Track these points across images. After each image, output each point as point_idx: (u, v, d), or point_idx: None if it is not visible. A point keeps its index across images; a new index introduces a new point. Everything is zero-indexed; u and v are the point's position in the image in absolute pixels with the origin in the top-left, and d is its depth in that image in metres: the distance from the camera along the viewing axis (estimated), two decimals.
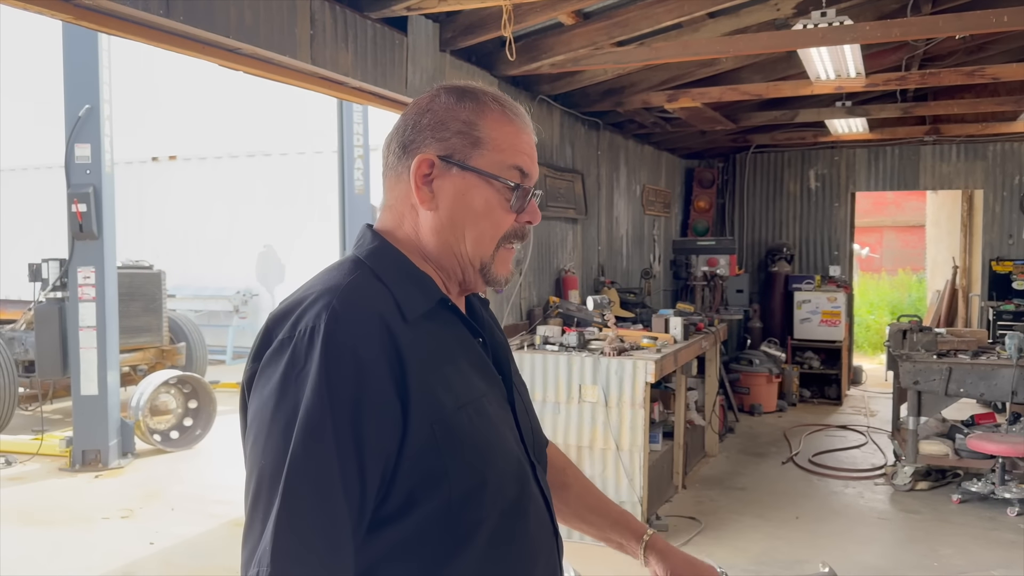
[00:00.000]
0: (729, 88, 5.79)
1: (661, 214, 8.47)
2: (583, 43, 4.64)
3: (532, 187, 1.19)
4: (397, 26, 3.95)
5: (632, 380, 4.52)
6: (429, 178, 1.15)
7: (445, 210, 1.15)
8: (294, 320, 1.04)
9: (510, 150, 1.16)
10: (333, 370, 0.99)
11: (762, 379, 8.06)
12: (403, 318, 1.08)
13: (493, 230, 1.17)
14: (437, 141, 1.15)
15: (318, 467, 0.98)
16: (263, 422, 1.01)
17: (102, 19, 2.60)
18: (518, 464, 1.15)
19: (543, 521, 1.20)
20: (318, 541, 0.98)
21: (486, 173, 1.15)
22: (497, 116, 1.17)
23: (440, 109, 1.17)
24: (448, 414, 1.06)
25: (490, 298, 4.81)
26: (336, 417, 0.99)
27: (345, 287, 1.07)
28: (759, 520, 5.04)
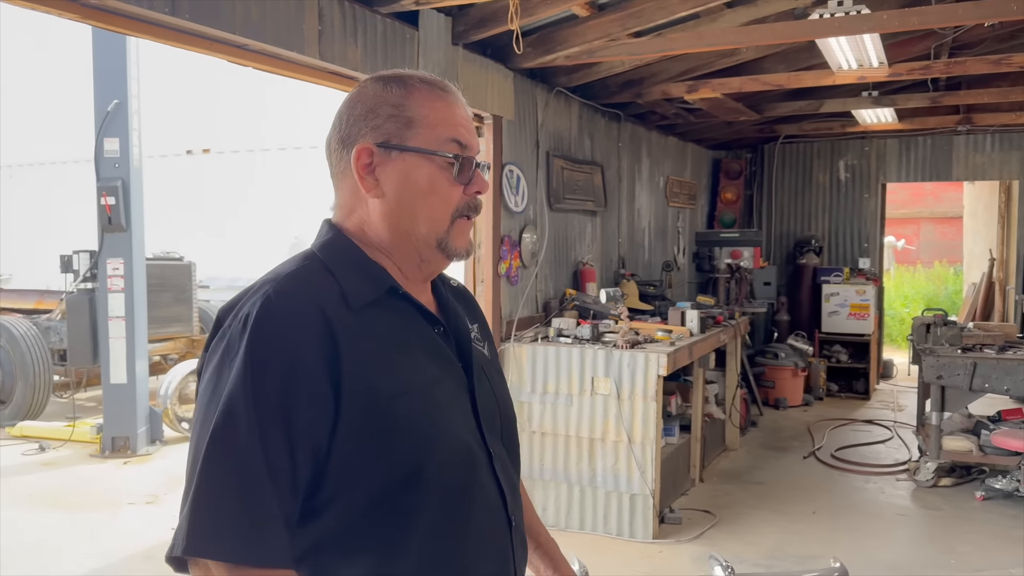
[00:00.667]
0: (750, 78, 5.73)
1: (686, 206, 8.41)
2: (597, 35, 4.62)
3: (474, 157, 1.21)
4: (408, 20, 3.98)
5: (644, 373, 4.51)
6: (371, 167, 1.18)
7: (392, 195, 1.18)
8: (236, 310, 1.09)
9: (443, 124, 1.18)
10: (258, 357, 1.04)
11: (787, 373, 7.98)
12: (347, 307, 1.11)
13: (443, 205, 1.19)
14: (372, 129, 1.18)
15: (232, 451, 1.02)
16: (199, 407, 1.08)
17: (108, 18, 2.66)
18: (466, 452, 1.17)
19: (494, 511, 1.21)
20: (232, 520, 1.02)
21: (424, 150, 1.17)
22: (425, 94, 1.19)
23: (368, 98, 1.19)
24: (384, 400, 1.09)
25: (498, 287, 4.84)
26: (258, 402, 1.02)
27: (285, 276, 1.12)
28: (775, 514, 5.01)
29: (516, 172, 5.02)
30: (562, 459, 4.74)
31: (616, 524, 4.65)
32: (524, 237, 5.12)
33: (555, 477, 4.76)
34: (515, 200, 4.99)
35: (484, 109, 4.68)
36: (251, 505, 1.02)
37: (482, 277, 4.85)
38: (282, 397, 1.03)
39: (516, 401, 4.82)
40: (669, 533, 4.67)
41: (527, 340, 4.86)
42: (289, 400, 1.03)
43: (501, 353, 4.85)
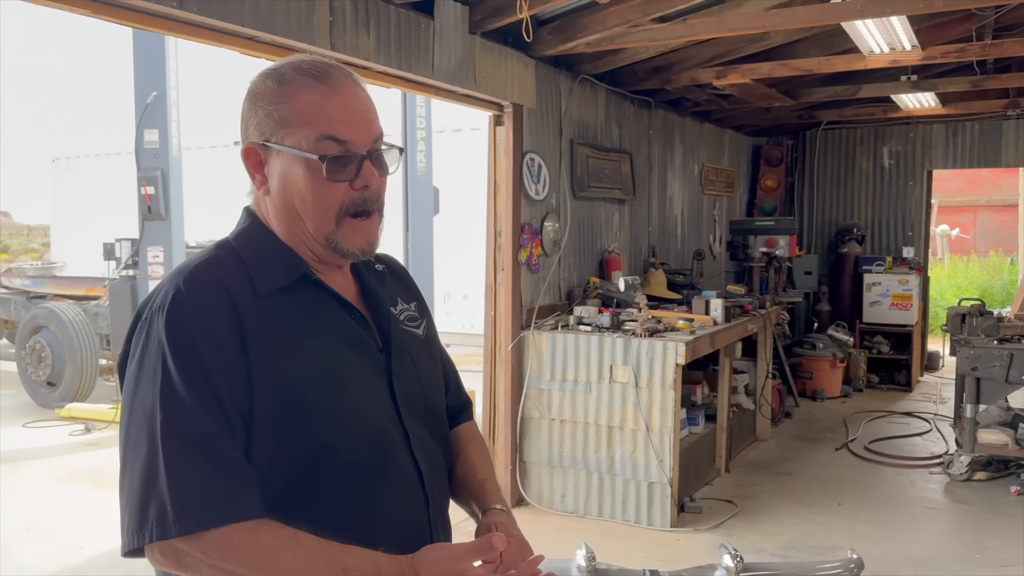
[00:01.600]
0: (779, 64, 5.63)
1: (723, 194, 8.30)
2: (618, 21, 4.60)
3: (356, 151, 1.15)
4: (423, 10, 4.01)
5: (663, 361, 4.50)
6: (260, 164, 1.19)
7: (276, 193, 1.18)
8: (152, 301, 1.15)
9: (317, 120, 1.14)
10: (176, 340, 1.08)
11: (825, 363, 7.84)
12: (255, 293, 1.14)
13: (323, 206, 1.16)
14: (255, 127, 1.18)
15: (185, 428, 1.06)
16: (127, 394, 1.11)
17: (119, 12, 2.76)
18: (379, 433, 1.19)
19: (410, 490, 1.24)
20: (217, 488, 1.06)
21: (296, 151, 1.14)
22: (298, 88, 1.15)
23: (252, 94, 1.19)
24: (292, 383, 1.12)
25: (518, 275, 4.86)
26: (188, 380, 1.07)
27: (195, 266, 1.16)
28: (799, 506, 4.95)
29: (537, 160, 5.03)
30: (581, 446, 4.76)
31: (634, 512, 4.65)
32: (546, 225, 5.14)
33: (574, 464, 4.78)
34: (536, 189, 5.01)
35: (503, 98, 4.70)
36: (225, 471, 1.06)
37: (502, 265, 4.88)
38: (205, 372, 1.08)
39: (535, 388, 4.86)
40: (688, 522, 4.66)
41: (547, 328, 4.88)
42: (212, 375, 1.08)
43: (520, 340, 4.88)
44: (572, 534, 4.51)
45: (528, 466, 4.95)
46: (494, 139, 4.94)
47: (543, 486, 4.91)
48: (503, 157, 4.90)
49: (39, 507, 5.06)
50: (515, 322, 4.93)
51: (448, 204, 11.22)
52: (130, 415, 1.10)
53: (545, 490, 4.90)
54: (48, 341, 7.69)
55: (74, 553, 4.36)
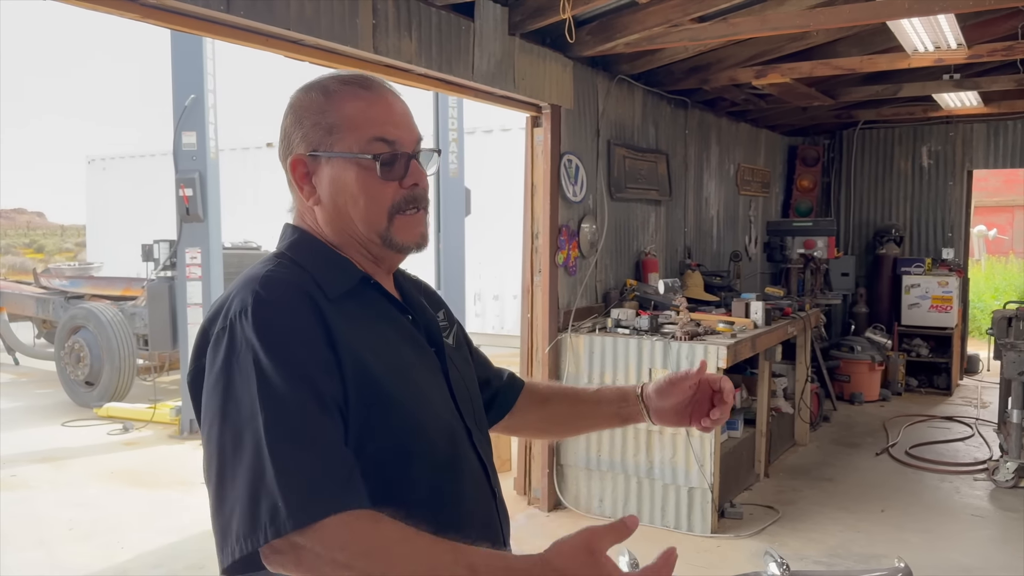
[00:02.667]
0: (820, 63, 5.54)
1: (759, 194, 8.21)
2: (658, 20, 4.55)
3: (404, 150, 1.20)
4: (463, 12, 4.00)
5: None
6: (308, 175, 1.22)
7: (328, 200, 1.22)
8: (224, 313, 1.12)
9: (365, 124, 1.19)
10: (271, 339, 1.07)
11: (864, 367, 7.72)
12: (325, 297, 1.15)
13: (376, 205, 1.20)
14: (301, 139, 1.21)
15: (295, 424, 1.04)
16: (217, 404, 1.07)
17: (167, 16, 2.77)
18: (449, 428, 1.22)
19: (479, 482, 1.26)
20: (330, 477, 1.03)
21: (347, 154, 1.19)
22: (343, 96, 1.21)
23: (296, 108, 1.23)
24: (377, 377, 1.13)
25: (555, 277, 4.82)
26: (291, 377, 1.05)
27: (266, 274, 1.15)
28: (841, 512, 4.87)
29: (575, 162, 5.00)
30: (619, 450, 4.72)
31: (674, 517, 4.60)
32: (583, 227, 5.10)
33: (612, 468, 4.74)
34: (573, 190, 4.97)
35: (542, 99, 4.68)
36: (337, 462, 1.05)
37: (539, 267, 4.86)
38: (303, 369, 1.07)
39: None
40: (728, 528, 4.60)
41: (584, 330, 4.85)
42: (310, 371, 1.07)
43: (558, 343, 4.85)
44: None
45: (565, 469, 4.92)
46: (531, 140, 4.92)
47: (580, 490, 4.88)
48: (540, 158, 4.87)
49: (80, 506, 5.12)
50: (552, 324, 4.90)
51: (479, 205, 11.23)
52: (222, 423, 1.06)
53: (583, 494, 4.87)
54: (87, 341, 7.79)
55: (116, 552, 4.40)
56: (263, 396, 1.04)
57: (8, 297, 9.68)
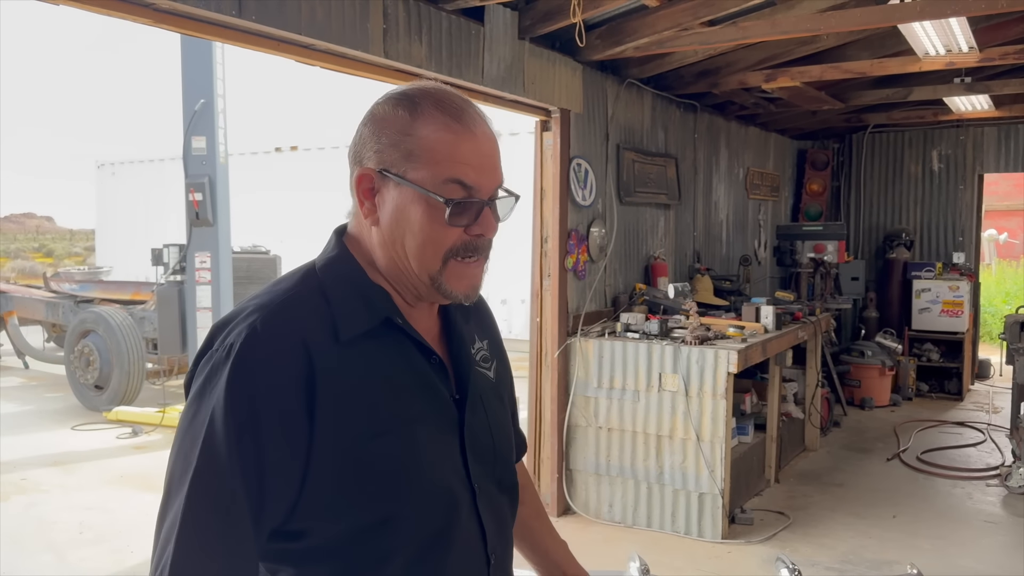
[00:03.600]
0: (831, 66, 5.53)
1: (768, 198, 8.19)
2: (668, 25, 4.54)
3: (479, 197, 1.11)
4: (473, 16, 4.00)
5: (714, 370, 4.42)
6: (371, 192, 1.12)
7: (386, 224, 1.12)
8: (226, 332, 1.06)
9: (447, 162, 1.09)
10: (237, 390, 1.01)
11: (874, 371, 7.68)
12: (336, 338, 1.08)
13: (433, 246, 1.10)
14: (375, 153, 1.11)
15: (214, 481, 1.00)
16: (180, 428, 1.06)
17: (180, 21, 2.78)
18: (446, 494, 1.13)
19: (473, 551, 1.18)
20: (215, 548, 1.01)
21: (419, 188, 1.09)
22: (434, 123, 1.10)
23: (378, 118, 1.13)
24: (359, 443, 1.06)
25: (564, 281, 4.82)
26: (235, 435, 1.00)
27: (276, 305, 1.08)
28: (853, 518, 4.84)
29: (584, 166, 4.99)
30: (629, 455, 4.70)
31: (684, 523, 4.58)
32: (592, 231, 5.09)
33: (621, 473, 4.72)
34: (582, 194, 4.96)
35: (551, 103, 4.67)
36: (230, 537, 1.01)
37: (548, 271, 4.85)
38: (257, 432, 1.01)
39: (582, 396, 4.81)
40: (739, 533, 4.57)
41: (594, 335, 4.83)
42: (263, 436, 1.01)
43: (567, 347, 4.84)
44: (620, 544, 4.46)
45: (575, 474, 4.91)
46: (540, 144, 4.92)
47: (590, 495, 4.86)
48: (550, 162, 4.87)
49: (89, 510, 5.13)
50: (561, 329, 4.89)
51: None
52: (181, 452, 1.04)
53: (592, 499, 4.85)
54: (96, 345, 7.81)
55: (126, 556, 4.41)
56: (204, 450, 1.00)
57: (18, 301, 9.72)
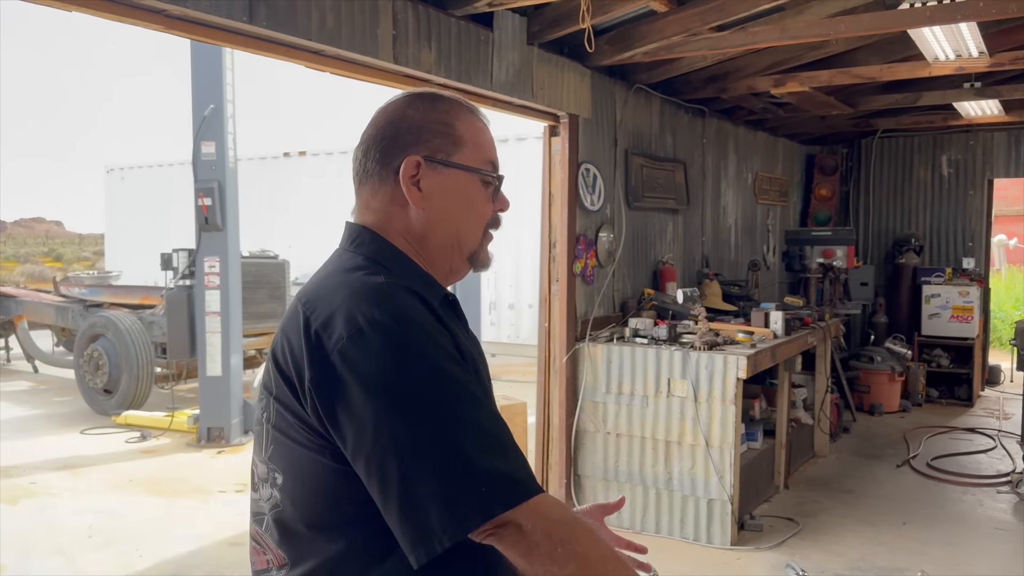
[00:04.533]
0: (840, 71, 5.52)
1: (776, 203, 8.17)
2: (677, 30, 4.55)
3: (502, 177, 1.32)
4: (482, 22, 4.00)
5: (723, 375, 4.41)
6: (416, 179, 1.23)
7: (436, 206, 1.25)
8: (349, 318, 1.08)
9: (483, 146, 1.28)
10: (427, 340, 1.10)
11: (883, 377, 7.65)
12: (431, 309, 1.17)
13: (478, 219, 1.29)
14: (420, 143, 1.24)
15: (477, 405, 1.09)
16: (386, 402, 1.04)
17: (191, 27, 2.79)
18: None
19: None
20: (520, 460, 1.09)
21: (471, 168, 1.26)
22: (468, 117, 1.29)
23: (417, 114, 1.26)
24: (486, 387, 1.23)
25: (572, 286, 4.82)
26: (457, 367, 1.11)
27: (383, 285, 1.15)
28: (862, 524, 4.81)
29: (592, 171, 4.99)
30: (637, 461, 4.69)
31: (693, 529, 4.57)
32: (600, 236, 5.09)
33: (630, 479, 4.71)
34: (591, 199, 4.96)
35: (560, 108, 4.68)
36: (515, 447, 1.09)
37: (557, 276, 4.84)
38: (461, 362, 1.13)
39: (590, 401, 4.81)
40: (748, 540, 4.55)
41: (602, 340, 4.83)
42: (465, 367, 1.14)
43: (575, 353, 4.84)
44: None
45: (583, 480, 4.90)
46: (549, 149, 4.92)
47: (598, 500, 4.83)
48: (558, 167, 4.87)
49: (98, 514, 5.14)
50: (570, 334, 4.88)
51: None
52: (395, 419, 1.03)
53: None
54: (105, 349, 7.83)
55: (134, 560, 4.41)
56: (447, 386, 1.07)
57: (28, 305, 9.76)
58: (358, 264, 1.20)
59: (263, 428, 1.17)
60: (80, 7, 2.49)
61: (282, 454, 1.14)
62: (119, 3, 2.55)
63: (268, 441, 1.16)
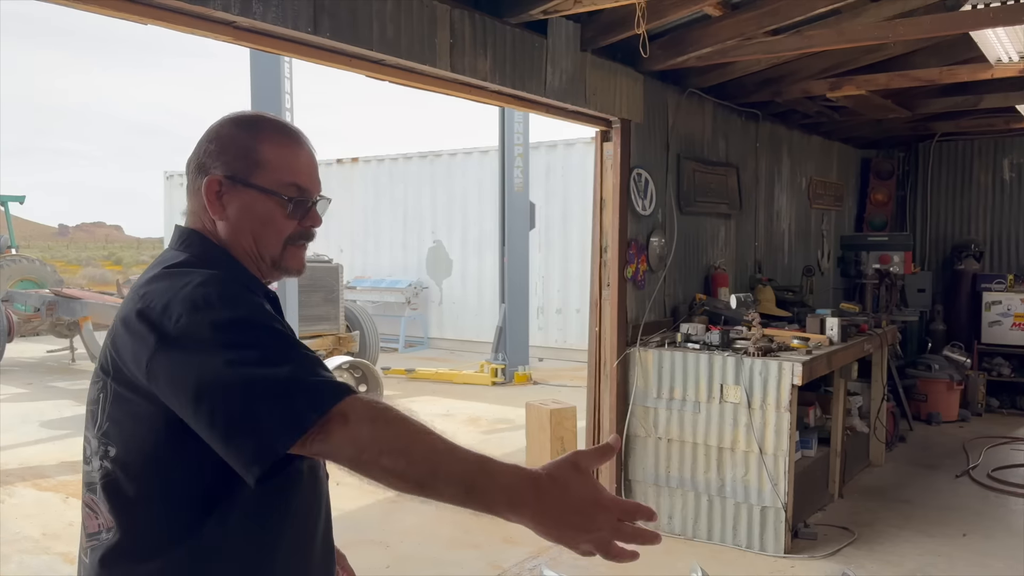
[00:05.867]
0: (898, 74, 5.43)
1: (831, 208, 8.06)
2: (731, 34, 4.53)
3: (311, 197, 1.42)
4: (536, 29, 4.05)
5: (777, 382, 4.38)
6: (219, 194, 1.38)
7: (233, 219, 1.39)
8: (184, 299, 1.22)
9: (286, 169, 1.39)
10: (244, 299, 1.25)
11: (941, 386, 7.48)
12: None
13: (276, 235, 1.40)
14: (223, 164, 1.38)
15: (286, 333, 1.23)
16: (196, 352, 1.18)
17: (258, 38, 2.89)
18: None
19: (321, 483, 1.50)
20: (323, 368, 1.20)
21: (266, 190, 1.38)
22: (274, 140, 1.40)
23: (225, 136, 1.40)
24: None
25: (623, 291, 4.83)
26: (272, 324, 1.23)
27: (212, 275, 1.28)
28: (920, 535, 4.73)
29: (644, 175, 5.00)
30: (689, 467, 4.67)
31: (746, 536, 4.53)
32: (652, 241, 5.09)
33: (681, 485, 4.70)
34: (643, 204, 4.97)
35: (612, 113, 4.70)
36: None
37: (608, 281, 4.86)
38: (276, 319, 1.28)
39: (641, 406, 4.81)
40: (802, 549, 4.51)
41: (653, 345, 4.83)
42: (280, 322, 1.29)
43: (626, 357, 4.84)
44: (681, 556, 4.43)
45: (633, 485, 4.90)
46: (600, 154, 4.94)
47: (649, 505, 4.83)
48: (610, 172, 4.89)
49: None
50: (620, 338, 4.90)
51: (542, 219, 11.28)
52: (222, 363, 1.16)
53: None
54: None
55: None
56: (274, 335, 1.20)
57: (92, 307, 10.09)
58: (186, 260, 1.35)
59: (98, 407, 1.30)
60: (156, 20, 2.60)
61: (119, 430, 1.27)
62: (191, 15, 2.66)
63: (104, 419, 1.29)
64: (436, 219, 12.94)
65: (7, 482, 5.78)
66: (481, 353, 11.07)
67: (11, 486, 5.70)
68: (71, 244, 41.90)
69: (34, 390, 9.27)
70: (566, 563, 4.34)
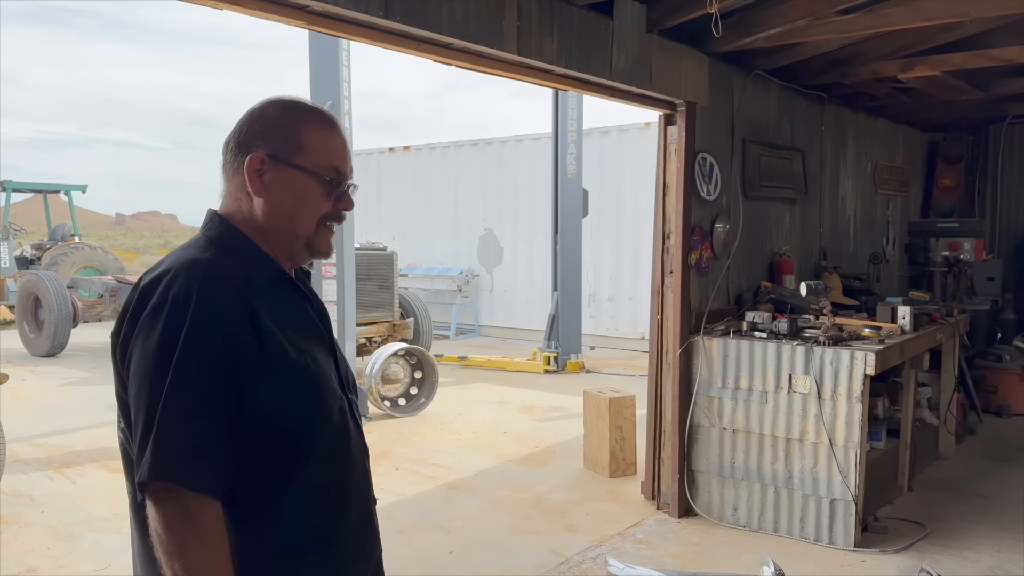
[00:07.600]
0: (974, 54, 5.21)
1: (897, 193, 7.82)
2: (801, 14, 4.39)
3: (346, 181, 1.50)
4: (602, 10, 3.97)
5: (849, 372, 4.26)
6: (260, 172, 1.44)
7: (274, 197, 1.45)
8: (164, 287, 1.33)
9: (325, 152, 1.47)
10: (205, 323, 1.30)
11: (1012, 377, 7.23)
12: (252, 286, 1.39)
13: (312, 213, 1.47)
14: (266, 143, 1.45)
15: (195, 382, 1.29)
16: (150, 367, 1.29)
17: (330, 23, 2.87)
18: (341, 399, 1.50)
19: (359, 442, 1.55)
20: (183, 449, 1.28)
21: (308, 170, 1.45)
22: (315, 125, 1.47)
23: (268, 117, 1.47)
24: (291, 359, 1.39)
25: (687, 278, 4.74)
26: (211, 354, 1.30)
27: (206, 263, 1.38)
28: (997, 531, 4.57)
29: (709, 160, 4.89)
30: (755, 458, 4.58)
31: (814, 529, 4.43)
32: (716, 227, 4.98)
33: (747, 476, 4.61)
34: (707, 189, 4.87)
35: (677, 96, 4.60)
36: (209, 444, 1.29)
37: (671, 268, 4.78)
38: (228, 350, 1.31)
39: (705, 396, 4.74)
40: (873, 542, 4.39)
41: (718, 333, 4.73)
42: (233, 353, 1.32)
43: (690, 346, 4.76)
44: (747, 548, 4.35)
45: (697, 475, 4.82)
46: (664, 138, 4.85)
47: (713, 497, 4.77)
48: (674, 157, 4.79)
49: None
50: (684, 327, 4.81)
51: (595, 206, 11.17)
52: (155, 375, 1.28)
53: (715, 501, 4.75)
54: None
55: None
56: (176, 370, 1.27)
57: None
58: (196, 242, 1.45)
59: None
60: (230, 5, 2.60)
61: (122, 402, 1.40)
62: (266, 0, 2.65)
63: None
64: (487, 207, 12.92)
65: (77, 463, 5.94)
66: (532, 341, 11.03)
67: (81, 467, 5.85)
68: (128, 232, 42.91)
69: (99, 374, 9.51)
70: (629, 553, 4.30)
